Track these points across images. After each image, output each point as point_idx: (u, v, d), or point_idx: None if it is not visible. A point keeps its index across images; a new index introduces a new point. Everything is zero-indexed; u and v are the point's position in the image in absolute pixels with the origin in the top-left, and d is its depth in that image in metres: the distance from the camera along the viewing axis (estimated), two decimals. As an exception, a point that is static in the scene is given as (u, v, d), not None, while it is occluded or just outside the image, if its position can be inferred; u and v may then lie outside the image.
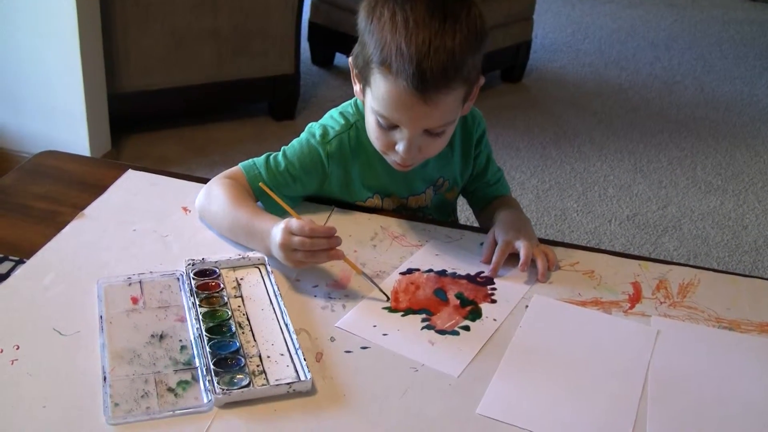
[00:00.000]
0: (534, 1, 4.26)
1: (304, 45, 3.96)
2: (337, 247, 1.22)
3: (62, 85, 2.85)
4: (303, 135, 1.43)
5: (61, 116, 2.92)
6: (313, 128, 1.43)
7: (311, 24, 4.17)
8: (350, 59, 1.35)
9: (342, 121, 1.43)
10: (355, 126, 1.42)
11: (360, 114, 1.42)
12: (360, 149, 1.42)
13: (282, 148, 1.42)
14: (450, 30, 1.20)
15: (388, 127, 1.29)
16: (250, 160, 1.40)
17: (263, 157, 1.41)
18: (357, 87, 1.37)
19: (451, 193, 1.55)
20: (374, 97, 1.27)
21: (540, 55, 4.75)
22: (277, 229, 1.22)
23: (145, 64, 3.20)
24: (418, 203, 1.51)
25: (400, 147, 1.30)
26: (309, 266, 1.26)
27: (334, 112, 1.46)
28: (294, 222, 1.20)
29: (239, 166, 1.40)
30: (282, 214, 1.29)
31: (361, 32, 1.28)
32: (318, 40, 4.20)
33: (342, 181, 1.44)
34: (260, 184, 1.32)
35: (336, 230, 1.21)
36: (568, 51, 4.93)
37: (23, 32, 2.79)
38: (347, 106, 1.46)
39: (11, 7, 2.76)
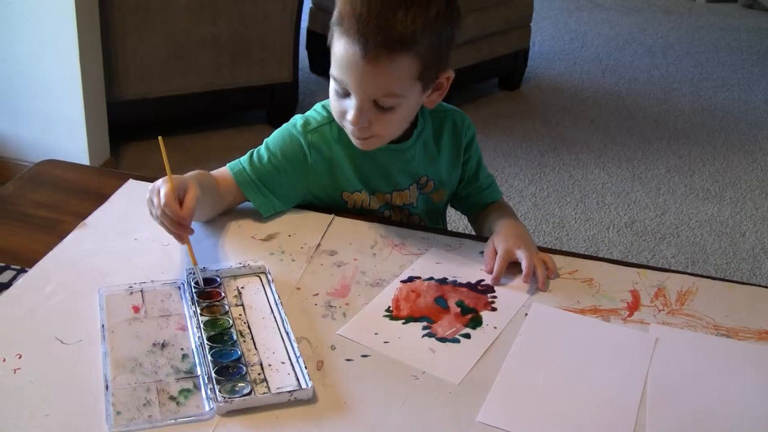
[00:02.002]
0: (531, 9, 4.27)
1: (303, 53, 3.97)
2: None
3: (61, 93, 2.86)
4: (284, 126, 1.46)
5: (60, 124, 2.92)
6: (296, 119, 1.46)
7: (309, 32, 4.18)
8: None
9: (325, 113, 1.45)
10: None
11: None
12: (342, 141, 1.44)
13: (264, 140, 1.44)
14: (422, 1, 1.24)
15: (343, 93, 1.32)
16: (236, 160, 1.44)
17: (247, 153, 1.44)
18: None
19: (437, 195, 1.56)
20: (332, 60, 1.30)
21: (537, 63, 4.76)
22: (163, 178, 1.24)
23: (143, 72, 3.21)
24: (403, 200, 1.51)
25: (348, 114, 1.31)
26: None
27: (318, 105, 1.48)
28: (162, 188, 1.22)
29: (226, 166, 1.43)
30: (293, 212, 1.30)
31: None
32: (316, 48, 4.20)
33: (326, 172, 1.45)
34: (159, 138, 1.32)
35: (188, 220, 1.21)
36: (565, 59, 4.95)
37: (22, 41, 2.80)
38: None
39: (10, 16, 2.77)
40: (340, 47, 1.27)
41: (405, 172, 1.49)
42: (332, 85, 1.33)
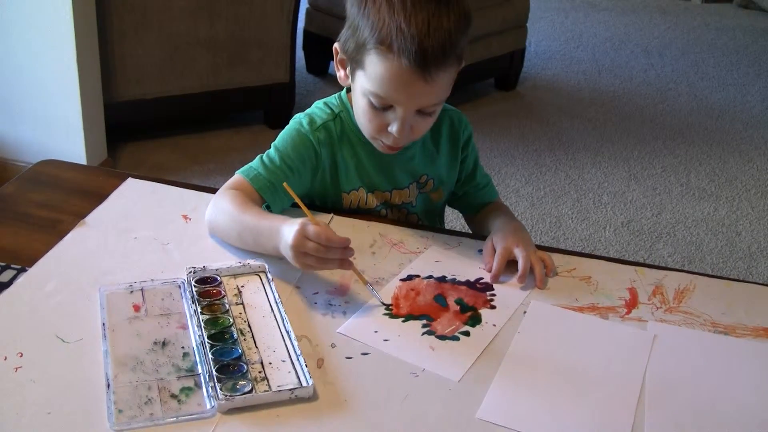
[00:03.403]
0: (528, 9, 4.27)
1: (299, 54, 3.97)
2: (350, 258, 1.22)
3: (59, 94, 2.86)
4: (290, 126, 1.45)
5: (57, 125, 2.92)
6: (299, 118, 1.46)
7: (306, 33, 4.18)
8: (336, 45, 1.38)
9: (328, 111, 1.46)
10: (339, 117, 1.45)
11: (344, 105, 1.46)
12: (344, 139, 1.45)
13: (272, 144, 1.44)
14: (445, 10, 1.25)
15: (382, 108, 1.32)
16: (246, 166, 1.41)
17: (256, 158, 1.42)
18: (341, 73, 1.40)
19: (436, 194, 1.56)
20: (369, 78, 1.30)
21: (534, 63, 4.77)
22: (289, 229, 1.20)
23: (141, 73, 3.21)
24: (402, 198, 1.52)
25: (393, 127, 1.32)
26: (313, 271, 1.27)
27: (318, 103, 1.49)
28: (311, 227, 1.19)
29: (238, 174, 1.40)
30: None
31: (353, 17, 1.31)
32: (313, 48, 4.21)
33: (331, 170, 1.45)
34: (284, 184, 1.31)
35: (350, 241, 1.20)
36: (561, 59, 4.95)
37: (20, 42, 2.80)
38: (332, 98, 1.49)
39: (8, 18, 2.77)
40: (387, 66, 1.26)
41: (405, 170, 1.50)
42: (368, 102, 1.33)
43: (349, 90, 1.44)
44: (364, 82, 1.31)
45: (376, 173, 1.48)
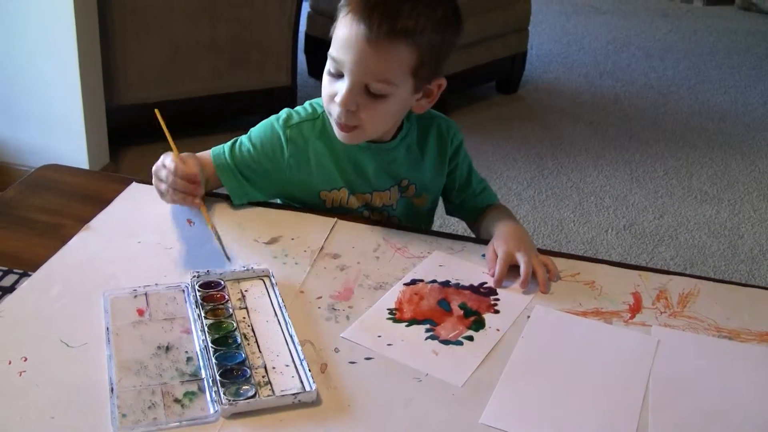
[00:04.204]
0: (529, 13, 4.28)
1: (301, 57, 3.98)
2: (199, 198, 1.35)
3: (61, 98, 2.86)
4: (270, 118, 1.49)
5: (59, 129, 2.92)
6: (282, 112, 1.49)
7: (307, 36, 4.19)
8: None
9: (310, 110, 1.48)
10: (321, 117, 1.46)
11: None
12: (324, 137, 1.46)
13: (250, 129, 1.47)
14: (434, 3, 1.31)
15: (337, 74, 1.34)
16: (219, 146, 1.48)
17: (230, 141, 1.48)
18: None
19: (419, 200, 1.56)
20: (333, 42, 1.34)
21: (535, 66, 4.77)
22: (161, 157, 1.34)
23: (142, 76, 3.22)
24: (383, 201, 1.52)
25: (338, 96, 1.33)
26: (171, 202, 1.39)
27: (307, 102, 1.51)
28: (169, 156, 1.35)
29: (209, 151, 1.48)
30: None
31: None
32: (314, 52, 4.21)
33: (304, 167, 1.47)
34: (155, 110, 1.42)
35: (198, 177, 1.34)
36: (563, 62, 4.96)
37: (22, 45, 2.80)
38: (321, 98, 1.48)
39: (10, 21, 2.77)
40: (344, 27, 1.30)
41: (385, 172, 1.50)
42: (327, 66, 1.36)
43: None
44: (331, 46, 1.35)
45: (355, 174, 1.49)
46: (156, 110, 1.36)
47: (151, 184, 1.51)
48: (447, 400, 1.08)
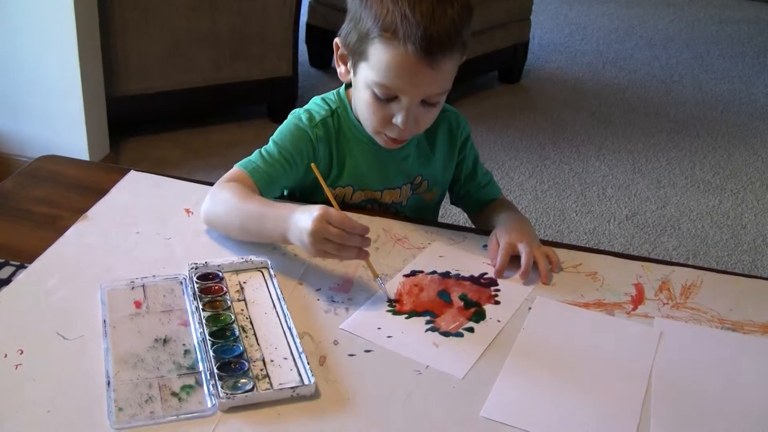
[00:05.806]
0: (531, 2, 4.26)
1: (302, 47, 3.96)
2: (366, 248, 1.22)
3: (61, 88, 2.85)
4: (289, 120, 1.45)
5: (59, 120, 2.91)
6: (298, 113, 1.45)
7: (309, 26, 4.17)
8: (337, 40, 1.37)
9: (326, 107, 1.45)
10: (336, 113, 1.45)
11: (341, 102, 1.45)
12: (340, 136, 1.44)
13: (270, 139, 1.43)
14: (449, 1, 1.26)
15: (387, 99, 1.31)
16: (245, 159, 1.41)
17: (255, 152, 1.42)
18: (342, 69, 1.39)
19: (429, 195, 1.55)
20: (373, 68, 1.29)
21: (538, 56, 4.75)
22: (306, 216, 1.18)
23: (143, 67, 3.20)
24: (392, 198, 1.51)
25: (398, 119, 1.31)
26: (329, 258, 1.24)
27: (316, 99, 1.48)
28: (334, 212, 1.18)
29: (236, 166, 1.39)
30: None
31: (355, 9, 1.31)
32: (315, 42, 4.19)
33: (326, 167, 1.45)
34: (311, 165, 1.31)
35: (369, 230, 1.20)
36: (565, 51, 4.94)
37: (22, 36, 2.79)
38: (330, 94, 1.48)
39: (10, 12, 2.76)
40: (393, 53, 1.25)
41: (400, 171, 1.49)
42: (372, 94, 1.32)
43: (348, 86, 1.43)
44: (368, 74, 1.30)
45: (370, 172, 1.47)
46: (312, 164, 1.31)
47: (149, 173, 1.50)
48: (447, 392, 1.07)
